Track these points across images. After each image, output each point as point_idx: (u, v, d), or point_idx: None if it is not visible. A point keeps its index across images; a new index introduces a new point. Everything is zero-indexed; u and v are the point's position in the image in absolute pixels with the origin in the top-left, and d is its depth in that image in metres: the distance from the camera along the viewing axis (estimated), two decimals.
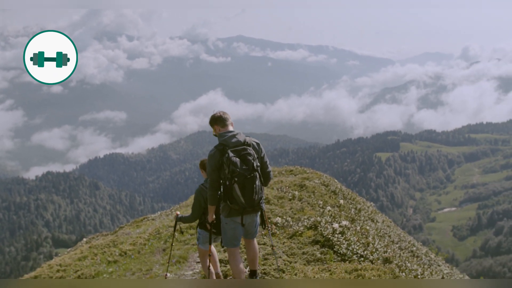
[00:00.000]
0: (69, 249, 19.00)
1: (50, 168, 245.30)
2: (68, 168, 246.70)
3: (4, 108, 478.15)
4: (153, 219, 18.14)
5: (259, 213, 6.39)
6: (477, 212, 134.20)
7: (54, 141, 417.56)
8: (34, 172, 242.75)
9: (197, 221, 7.13)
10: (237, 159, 5.80)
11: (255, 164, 5.86)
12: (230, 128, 6.29)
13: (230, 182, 5.79)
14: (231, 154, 5.80)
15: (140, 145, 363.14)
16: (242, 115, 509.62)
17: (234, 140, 5.99)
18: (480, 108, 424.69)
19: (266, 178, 6.25)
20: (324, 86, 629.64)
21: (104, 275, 9.99)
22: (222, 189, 5.96)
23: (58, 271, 10.53)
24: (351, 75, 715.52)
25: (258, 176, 5.90)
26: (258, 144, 6.19)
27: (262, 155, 6.16)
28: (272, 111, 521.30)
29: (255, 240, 6.63)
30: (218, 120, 6.36)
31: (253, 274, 6.64)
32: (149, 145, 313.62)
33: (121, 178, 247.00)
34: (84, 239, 20.84)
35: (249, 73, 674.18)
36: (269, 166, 6.26)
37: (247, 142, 6.04)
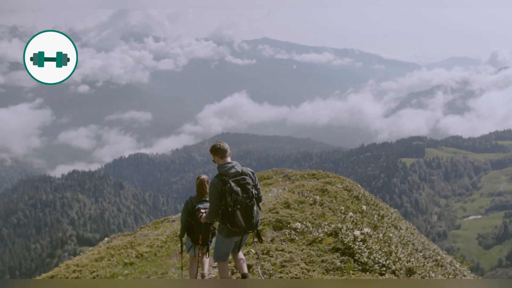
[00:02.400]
0: (91, 248, 18.99)
1: (75, 167, 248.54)
2: (94, 167, 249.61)
3: (33, 107, 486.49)
4: (173, 221, 18.05)
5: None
6: (503, 221, 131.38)
7: (80, 140, 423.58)
8: (60, 171, 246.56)
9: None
10: (238, 188, 6.43)
11: (253, 192, 6.54)
12: (228, 159, 6.79)
13: (232, 209, 6.41)
14: (232, 184, 6.41)
15: (165, 145, 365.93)
16: (266, 118, 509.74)
17: (233, 170, 6.58)
18: (508, 114, 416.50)
19: (259, 200, 6.80)
20: (349, 90, 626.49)
21: (120, 277, 9.86)
22: (221, 213, 6.62)
23: (74, 271, 10.44)
24: (376, 79, 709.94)
25: (256, 203, 6.60)
26: (253, 173, 6.83)
27: (256, 183, 6.75)
28: (296, 114, 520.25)
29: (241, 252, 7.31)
30: (217, 151, 6.80)
31: (244, 277, 7.06)
32: (173, 146, 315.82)
33: (145, 178, 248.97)
34: (106, 239, 20.84)
35: (274, 75, 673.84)
36: (260, 192, 6.84)
37: (244, 172, 6.66)
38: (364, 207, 14.83)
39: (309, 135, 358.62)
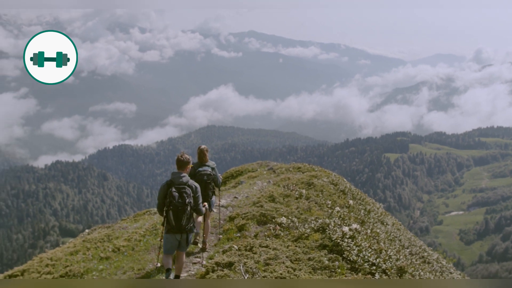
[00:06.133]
0: (71, 239, 18.43)
1: (58, 157, 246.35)
2: (77, 158, 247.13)
3: (17, 96, 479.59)
4: (154, 213, 17.54)
5: (192, 234, 8.37)
6: (484, 217, 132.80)
7: (64, 130, 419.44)
8: (43, 161, 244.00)
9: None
10: (177, 193, 7.94)
11: (187, 200, 7.93)
12: (182, 170, 8.32)
13: (167, 209, 7.94)
14: (173, 189, 7.96)
15: (149, 137, 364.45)
16: (251, 111, 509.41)
17: (179, 180, 8.10)
18: (492, 111, 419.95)
19: (197, 211, 8.41)
20: (335, 84, 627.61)
21: (94, 273, 9.38)
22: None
23: (47, 265, 9.91)
24: (362, 74, 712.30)
25: (189, 209, 7.97)
26: (196, 187, 8.28)
27: (196, 196, 8.24)
28: (282, 108, 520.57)
29: (184, 254, 8.44)
30: (176, 162, 8.43)
31: (176, 278, 8.28)
32: (158, 138, 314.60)
33: (130, 170, 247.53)
34: (86, 231, 20.24)
35: (260, 69, 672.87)
36: (200, 204, 8.38)
37: (188, 183, 8.13)
38: (351, 201, 14.48)
39: (294, 129, 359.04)
